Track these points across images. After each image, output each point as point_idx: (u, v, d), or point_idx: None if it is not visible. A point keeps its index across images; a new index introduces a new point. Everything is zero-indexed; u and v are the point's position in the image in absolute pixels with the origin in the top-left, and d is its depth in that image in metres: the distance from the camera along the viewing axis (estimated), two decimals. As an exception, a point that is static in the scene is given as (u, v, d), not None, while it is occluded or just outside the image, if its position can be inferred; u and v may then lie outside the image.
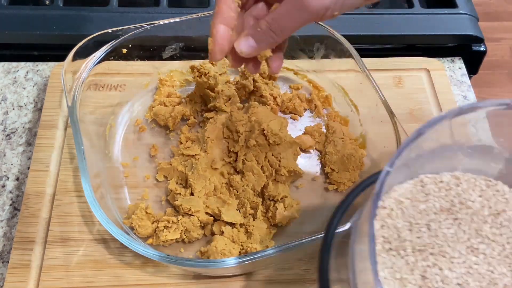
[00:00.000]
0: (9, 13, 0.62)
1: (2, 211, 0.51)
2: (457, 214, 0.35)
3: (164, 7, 0.65)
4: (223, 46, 0.40)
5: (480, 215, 0.35)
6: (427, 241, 0.33)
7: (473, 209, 0.35)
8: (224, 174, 0.51)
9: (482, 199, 0.36)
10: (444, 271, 0.32)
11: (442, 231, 0.34)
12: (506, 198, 0.36)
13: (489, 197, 0.36)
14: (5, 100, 0.59)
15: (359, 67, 0.53)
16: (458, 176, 0.37)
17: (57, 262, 0.46)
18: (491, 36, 1.62)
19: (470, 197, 0.36)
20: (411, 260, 0.33)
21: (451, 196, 0.36)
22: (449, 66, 0.65)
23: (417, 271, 0.32)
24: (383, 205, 0.35)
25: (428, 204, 0.35)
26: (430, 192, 0.36)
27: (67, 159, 0.52)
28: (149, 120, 0.56)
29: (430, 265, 0.32)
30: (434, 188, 0.36)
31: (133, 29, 0.53)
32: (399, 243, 0.33)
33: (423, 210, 0.35)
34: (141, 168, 0.53)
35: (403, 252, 0.33)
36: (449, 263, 0.33)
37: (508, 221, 0.35)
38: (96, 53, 0.52)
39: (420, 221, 0.34)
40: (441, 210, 0.35)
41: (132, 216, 0.47)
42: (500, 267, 0.33)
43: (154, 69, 0.59)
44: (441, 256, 0.33)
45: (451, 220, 0.35)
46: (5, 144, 0.55)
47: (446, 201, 0.36)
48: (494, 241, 0.34)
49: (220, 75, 0.58)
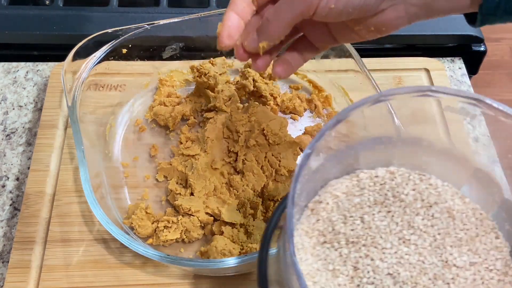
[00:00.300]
0: (9, 13, 0.62)
1: (2, 211, 0.51)
2: (391, 207, 0.36)
3: (164, 7, 0.65)
4: (231, 32, 0.39)
5: (413, 207, 0.36)
6: (361, 233, 0.34)
7: (406, 202, 0.36)
8: (224, 174, 0.51)
9: (415, 193, 0.37)
10: (376, 261, 0.33)
11: (375, 223, 0.35)
12: (438, 191, 0.37)
13: (422, 190, 0.37)
14: (5, 100, 0.59)
15: (359, 67, 0.53)
16: (393, 171, 0.38)
17: (57, 262, 0.46)
18: (491, 36, 1.62)
19: (403, 191, 0.37)
20: (344, 252, 0.33)
21: (385, 190, 0.37)
22: (449, 66, 0.65)
23: (350, 262, 0.33)
24: (319, 200, 0.36)
25: (362, 198, 0.36)
26: (365, 187, 0.37)
27: (67, 159, 0.52)
28: (149, 120, 0.56)
29: (362, 256, 0.33)
30: (369, 182, 0.37)
31: (133, 29, 0.53)
32: (333, 235, 0.34)
33: (358, 204, 0.36)
34: (141, 168, 0.53)
35: (337, 245, 0.34)
36: (381, 254, 0.33)
37: (439, 213, 0.36)
38: (96, 53, 0.52)
39: (354, 214, 0.35)
40: (375, 203, 0.36)
41: (132, 216, 0.47)
42: (431, 257, 0.34)
43: (154, 69, 0.59)
44: (373, 247, 0.34)
45: (385, 213, 0.35)
46: (5, 144, 0.55)
47: (380, 194, 0.36)
48: (426, 232, 0.35)
49: (220, 75, 0.58)
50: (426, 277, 0.33)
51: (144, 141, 0.55)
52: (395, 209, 0.36)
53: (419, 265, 0.33)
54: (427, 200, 0.37)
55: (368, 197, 0.36)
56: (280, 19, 0.37)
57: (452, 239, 0.35)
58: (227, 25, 0.39)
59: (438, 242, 0.35)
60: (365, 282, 0.32)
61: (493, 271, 0.34)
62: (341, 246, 0.34)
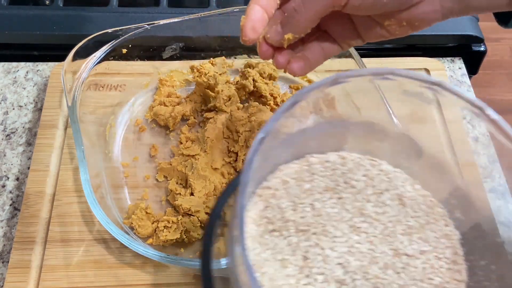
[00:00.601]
0: (9, 13, 0.62)
1: (2, 211, 0.51)
2: (342, 193, 0.35)
3: (164, 7, 0.65)
4: (256, 25, 0.37)
5: (364, 194, 0.35)
6: (311, 221, 0.33)
7: (357, 188, 0.35)
8: (224, 174, 0.51)
9: (366, 179, 0.36)
10: (326, 250, 0.32)
11: (326, 210, 0.34)
12: (389, 177, 0.36)
13: (373, 176, 0.36)
14: (5, 100, 0.59)
15: (359, 67, 0.53)
16: (344, 156, 0.37)
17: (57, 262, 0.46)
18: (491, 36, 1.62)
19: (354, 177, 0.36)
20: (293, 240, 0.32)
21: (337, 176, 0.36)
22: (449, 66, 0.65)
23: (299, 251, 0.32)
24: (268, 185, 0.35)
25: (313, 184, 0.35)
26: (316, 172, 0.36)
27: (67, 159, 0.52)
28: (149, 120, 0.56)
29: (312, 245, 0.32)
30: (320, 168, 0.36)
31: (133, 29, 0.53)
32: (282, 223, 0.33)
33: (308, 190, 0.35)
34: (141, 168, 0.53)
35: (286, 233, 0.33)
36: (331, 243, 0.32)
37: (390, 200, 0.35)
38: (96, 53, 0.52)
39: (305, 200, 0.34)
40: (326, 189, 0.35)
41: (132, 216, 0.47)
42: (381, 245, 0.33)
43: (154, 69, 0.59)
44: (324, 236, 0.33)
45: (335, 200, 0.35)
46: (5, 144, 0.55)
47: (331, 180, 0.35)
48: (377, 220, 0.34)
49: (220, 75, 0.58)
50: (376, 267, 0.32)
51: (144, 141, 0.55)
52: (346, 195, 0.35)
53: (369, 254, 0.33)
54: (378, 187, 0.36)
55: (319, 183, 0.35)
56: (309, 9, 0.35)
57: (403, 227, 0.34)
58: (250, 18, 0.37)
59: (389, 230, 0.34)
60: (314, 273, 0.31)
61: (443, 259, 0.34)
62: (291, 234, 0.33)
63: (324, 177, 0.35)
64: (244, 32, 0.37)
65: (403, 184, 0.36)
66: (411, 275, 0.32)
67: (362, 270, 0.32)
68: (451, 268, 0.33)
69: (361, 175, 0.36)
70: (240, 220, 0.27)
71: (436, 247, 0.34)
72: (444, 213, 0.36)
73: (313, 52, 0.40)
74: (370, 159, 0.37)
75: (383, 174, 0.37)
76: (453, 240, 0.35)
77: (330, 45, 0.40)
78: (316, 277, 0.31)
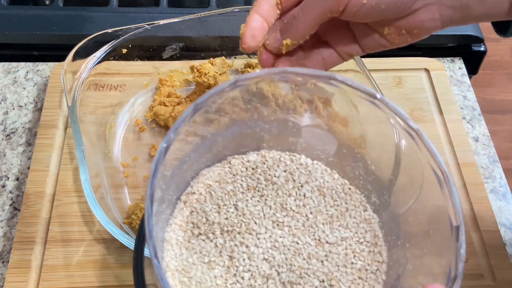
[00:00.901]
0: (9, 13, 0.62)
1: (2, 211, 0.51)
2: (263, 191, 0.36)
3: (164, 7, 0.65)
4: (255, 33, 0.37)
5: (285, 189, 0.37)
6: (235, 221, 0.34)
7: (278, 184, 0.37)
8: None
9: (286, 174, 0.38)
10: (251, 248, 0.33)
11: (249, 209, 0.35)
12: (308, 170, 0.38)
13: (292, 171, 0.38)
14: (5, 100, 0.59)
15: (359, 67, 0.53)
16: (264, 154, 0.39)
17: (57, 262, 0.46)
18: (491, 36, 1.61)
19: (275, 173, 0.37)
20: (220, 242, 0.33)
21: (258, 174, 0.37)
22: (449, 66, 0.65)
23: (225, 252, 0.33)
24: (192, 191, 0.36)
25: (235, 185, 0.36)
26: (237, 173, 0.37)
27: (67, 159, 0.52)
28: (149, 120, 0.56)
29: (238, 244, 0.33)
30: (241, 168, 0.38)
31: (133, 29, 0.53)
32: (208, 226, 0.34)
33: (231, 191, 0.36)
34: (141, 168, 0.53)
35: (212, 235, 0.34)
36: (256, 240, 0.34)
37: (311, 192, 0.37)
38: (96, 53, 0.52)
39: (228, 202, 0.35)
40: (248, 189, 0.36)
41: (132, 216, 0.47)
42: (304, 237, 0.35)
43: (154, 69, 0.59)
44: (248, 234, 0.34)
45: (258, 198, 0.36)
46: (5, 144, 0.55)
47: (252, 179, 0.37)
48: (298, 212, 0.36)
49: (220, 75, 0.58)
50: (300, 258, 0.34)
51: (144, 141, 0.55)
52: (268, 192, 0.36)
53: (293, 246, 0.34)
54: (298, 180, 0.37)
55: (241, 183, 0.37)
56: (307, 15, 0.35)
57: (324, 217, 0.36)
58: (250, 26, 0.37)
59: (310, 221, 0.36)
60: (241, 271, 0.32)
61: (364, 243, 0.35)
62: (216, 236, 0.34)
63: (246, 177, 0.37)
64: (244, 40, 0.37)
65: (322, 175, 0.38)
66: (334, 262, 0.34)
67: (287, 263, 0.33)
68: (371, 250, 0.35)
69: (281, 171, 0.38)
70: (147, 231, 0.27)
71: (356, 232, 0.36)
72: (362, 199, 0.38)
73: (313, 62, 0.40)
74: (289, 154, 0.39)
75: (303, 168, 0.38)
76: (372, 224, 0.37)
77: (330, 56, 0.40)
78: (243, 275, 0.32)
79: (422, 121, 0.57)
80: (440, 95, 0.59)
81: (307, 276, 0.33)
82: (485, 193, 0.52)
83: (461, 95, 0.62)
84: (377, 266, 0.35)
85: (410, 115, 0.58)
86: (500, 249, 0.48)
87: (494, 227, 0.50)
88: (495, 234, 0.49)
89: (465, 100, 0.61)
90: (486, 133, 0.59)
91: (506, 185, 0.55)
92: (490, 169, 0.56)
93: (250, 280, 0.32)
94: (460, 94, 0.62)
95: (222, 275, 0.32)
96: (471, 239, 0.49)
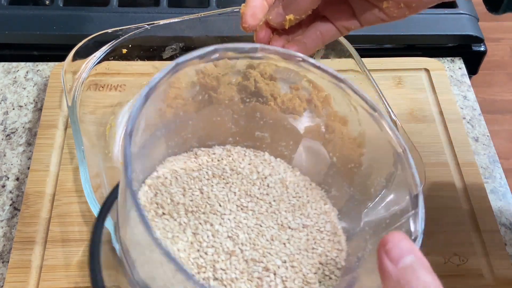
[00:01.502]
0: (9, 13, 0.62)
1: (2, 211, 0.51)
2: (228, 179, 0.38)
3: (164, 7, 0.65)
4: (256, 11, 0.38)
5: (249, 179, 0.39)
6: (200, 203, 0.36)
7: (243, 174, 0.39)
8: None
9: (251, 166, 0.40)
10: (215, 226, 0.34)
11: (214, 193, 0.37)
12: (272, 165, 0.41)
13: (257, 164, 0.40)
14: (5, 100, 0.59)
15: (359, 67, 0.53)
16: (229, 149, 0.41)
17: (57, 262, 0.46)
18: (491, 36, 1.62)
19: (240, 165, 0.40)
20: (184, 221, 0.34)
21: (223, 165, 0.39)
22: (449, 66, 0.65)
23: (189, 229, 0.34)
24: (158, 175, 0.37)
25: (201, 172, 0.38)
26: (203, 162, 0.39)
27: (67, 159, 0.52)
28: (149, 120, 0.56)
29: (202, 222, 0.35)
30: (207, 159, 0.40)
31: (133, 29, 0.53)
32: (172, 207, 0.35)
33: (196, 177, 0.38)
34: (141, 168, 0.53)
35: (176, 215, 0.35)
36: (220, 219, 0.35)
37: (274, 183, 0.39)
38: (96, 53, 0.52)
39: (193, 186, 0.37)
40: (213, 176, 0.38)
41: (132, 216, 0.47)
42: (267, 221, 0.36)
43: (154, 69, 0.59)
44: (213, 214, 0.35)
45: (223, 184, 0.38)
46: (5, 144, 0.55)
47: (218, 169, 0.39)
48: (262, 200, 0.38)
49: (222, 76, 0.58)
50: (264, 239, 0.35)
51: (144, 141, 0.55)
52: (232, 180, 0.38)
53: (257, 228, 0.36)
54: (262, 173, 0.40)
55: (207, 171, 0.38)
56: None
57: (286, 205, 0.38)
58: (251, 5, 0.38)
59: (273, 208, 0.37)
60: (205, 246, 0.33)
61: (324, 232, 0.37)
62: (180, 216, 0.35)
63: (212, 166, 0.39)
64: (244, 19, 0.38)
65: (285, 171, 0.41)
66: (296, 246, 0.36)
67: (250, 242, 0.35)
68: (331, 239, 0.37)
69: (246, 163, 0.40)
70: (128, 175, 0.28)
71: (317, 222, 0.38)
72: (323, 194, 0.41)
73: (310, 37, 0.40)
74: (254, 151, 0.41)
75: (266, 163, 0.41)
76: (331, 216, 0.39)
77: (328, 30, 0.40)
78: (206, 250, 0.33)
79: (422, 121, 0.57)
80: (440, 95, 0.59)
81: (269, 256, 0.34)
82: (485, 193, 0.52)
83: (461, 95, 0.62)
84: (337, 254, 0.36)
85: (410, 115, 0.58)
86: (500, 249, 0.48)
87: (494, 227, 0.50)
88: (495, 234, 0.49)
89: (465, 100, 0.61)
90: (486, 133, 0.59)
91: (506, 185, 0.54)
92: (490, 169, 0.56)
93: (214, 256, 0.33)
94: (460, 94, 0.62)
95: (186, 249, 0.33)
96: (471, 239, 0.49)
